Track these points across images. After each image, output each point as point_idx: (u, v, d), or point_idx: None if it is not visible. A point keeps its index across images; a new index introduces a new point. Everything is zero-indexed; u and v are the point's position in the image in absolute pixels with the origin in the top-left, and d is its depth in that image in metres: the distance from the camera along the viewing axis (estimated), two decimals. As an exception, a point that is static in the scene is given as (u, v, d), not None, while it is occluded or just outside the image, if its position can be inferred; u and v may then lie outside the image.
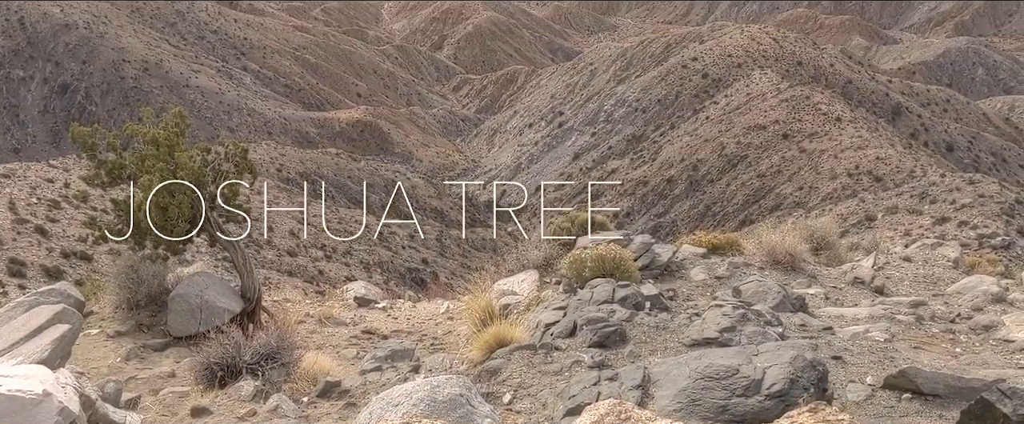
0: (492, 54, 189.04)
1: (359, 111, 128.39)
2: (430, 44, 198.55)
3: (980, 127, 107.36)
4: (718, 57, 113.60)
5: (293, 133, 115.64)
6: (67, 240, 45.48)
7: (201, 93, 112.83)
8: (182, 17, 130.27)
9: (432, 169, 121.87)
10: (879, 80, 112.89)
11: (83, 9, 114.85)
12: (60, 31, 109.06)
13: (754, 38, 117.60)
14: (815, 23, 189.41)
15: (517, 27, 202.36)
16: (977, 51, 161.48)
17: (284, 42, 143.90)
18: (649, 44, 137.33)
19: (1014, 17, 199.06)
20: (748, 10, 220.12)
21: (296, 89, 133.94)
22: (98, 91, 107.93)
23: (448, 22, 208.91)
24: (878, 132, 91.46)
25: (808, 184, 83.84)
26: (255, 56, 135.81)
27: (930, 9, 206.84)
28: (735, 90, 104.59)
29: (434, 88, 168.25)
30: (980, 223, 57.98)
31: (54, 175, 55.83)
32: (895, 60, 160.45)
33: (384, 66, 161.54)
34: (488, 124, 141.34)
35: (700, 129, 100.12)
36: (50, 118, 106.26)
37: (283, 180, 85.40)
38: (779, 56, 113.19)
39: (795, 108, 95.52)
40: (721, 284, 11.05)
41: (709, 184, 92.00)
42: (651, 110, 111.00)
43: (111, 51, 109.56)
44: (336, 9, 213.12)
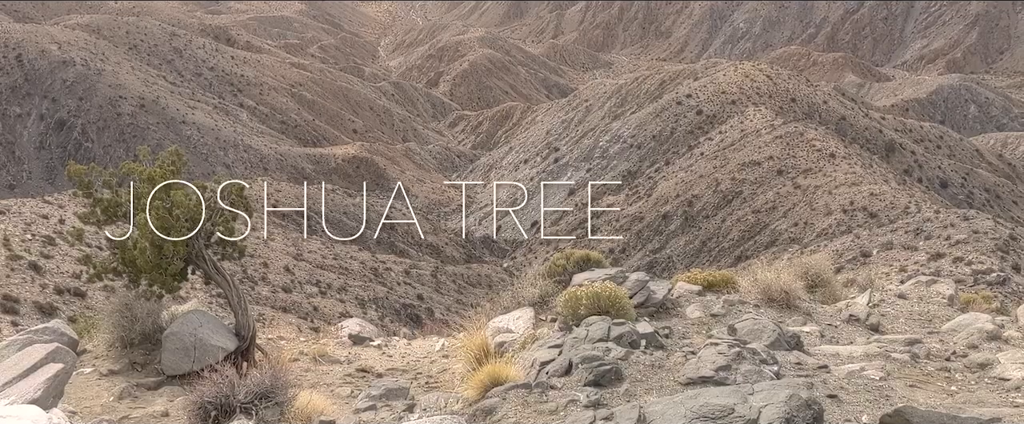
0: (488, 91, 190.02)
1: (355, 147, 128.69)
2: (426, 81, 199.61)
3: (973, 163, 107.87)
4: (712, 94, 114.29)
5: (289, 169, 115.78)
6: (61, 276, 45.31)
7: (197, 129, 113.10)
8: (180, 54, 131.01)
9: (427, 204, 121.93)
10: (872, 117, 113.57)
11: (81, 46, 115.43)
12: (58, 68, 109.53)
13: (748, 75, 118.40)
14: (808, 60, 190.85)
15: (513, 64, 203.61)
16: (969, 88, 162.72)
17: (281, 79, 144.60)
18: (644, 81, 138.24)
19: (1005, 55, 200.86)
20: (742, 48, 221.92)
21: (292, 125, 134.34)
22: (94, 127, 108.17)
23: (444, 59, 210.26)
24: (872, 168, 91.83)
25: (803, 220, 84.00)
26: (252, 93, 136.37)
27: (922, 47, 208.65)
28: (729, 126, 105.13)
29: (430, 124, 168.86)
30: (975, 259, 58.04)
31: (49, 211, 55.74)
32: (888, 97, 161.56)
33: (380, 102, 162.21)
34: (484, 160, 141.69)
35: (695, 165, 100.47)
36: (46, 154, 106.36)
37: (278, 216, 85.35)
38: (773, 93, 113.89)
39: (789, 144, 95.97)
40: (716, 322, 11.05)
41: (704, 220, 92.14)
42: (646, 146, 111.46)
43: (108, 88, 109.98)
44: (333, 47, 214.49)
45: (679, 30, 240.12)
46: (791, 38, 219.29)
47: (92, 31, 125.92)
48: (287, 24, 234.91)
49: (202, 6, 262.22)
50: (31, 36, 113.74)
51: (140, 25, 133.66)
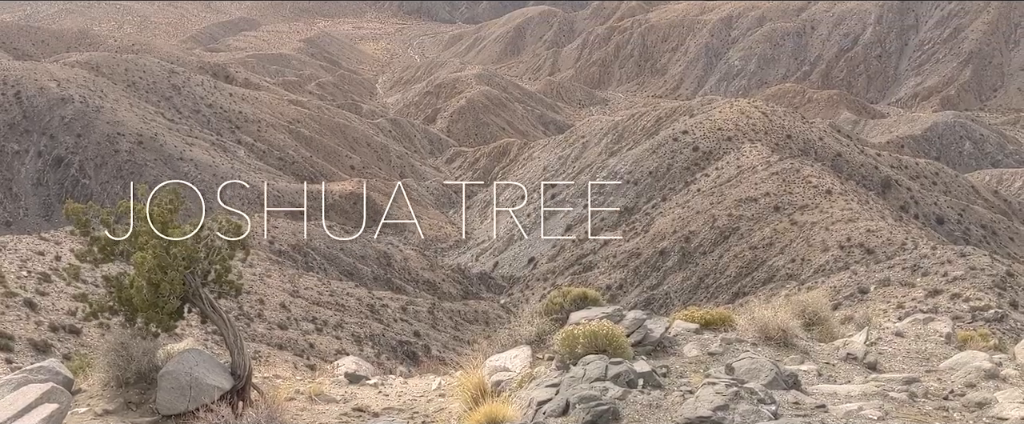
0: (485, 127, 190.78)
1: (352, 183, 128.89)
2: (424, 117, 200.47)
3: (969, 200, 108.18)
4: (708, 130, 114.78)
5: (286, 205, 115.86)
6: (56, 313, 45.12)
7: (195, 166, 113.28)
8: (178, 92, 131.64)
9: (425, 241, 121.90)
10: (868, 153, 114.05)
11: (80, 84, 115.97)
12: (56, 105, 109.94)
13: (743, 112, 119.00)
14: (803, 97, 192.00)
15: (510, 101, 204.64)
16: (964, 125, 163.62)
17: (279, 116, 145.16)
18: (640, 117, 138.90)
19: (998, 92, 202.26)
20: (737, 85, 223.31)
21: (290, 162, 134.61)
22: (92, 164, 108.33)
23: (441, 96, 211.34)
24: (868, 205, 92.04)
25: (800, 256, 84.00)
26: (250, 129, 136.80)
27: (916, 84, 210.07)
28: (726, 163, 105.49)
29: (427, 160, 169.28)
30: (973, 295, 57.99)
31: (45, 248, 55.66)
32: (883, 134, 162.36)
33: (378, 139, 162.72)
34: (480, 196, 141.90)
35: (692, 201, 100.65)
36: (43, 191, 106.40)
37: (275, 252, 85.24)
38: (768, 129, 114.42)
39: (785, 181, 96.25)
40: (714, 361, 11.04)
41: (702, 256, 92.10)
42: (643, 182, 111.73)
43: (106, 125, 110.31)
44: (331, 84, 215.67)
45: (675, 67, 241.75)
46: (786, 75, 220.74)
47: (91, 69, 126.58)
48: (285, 61, 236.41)
49: (201, 44, 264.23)
50: (30, 73, 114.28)
51: (139, 63, 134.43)
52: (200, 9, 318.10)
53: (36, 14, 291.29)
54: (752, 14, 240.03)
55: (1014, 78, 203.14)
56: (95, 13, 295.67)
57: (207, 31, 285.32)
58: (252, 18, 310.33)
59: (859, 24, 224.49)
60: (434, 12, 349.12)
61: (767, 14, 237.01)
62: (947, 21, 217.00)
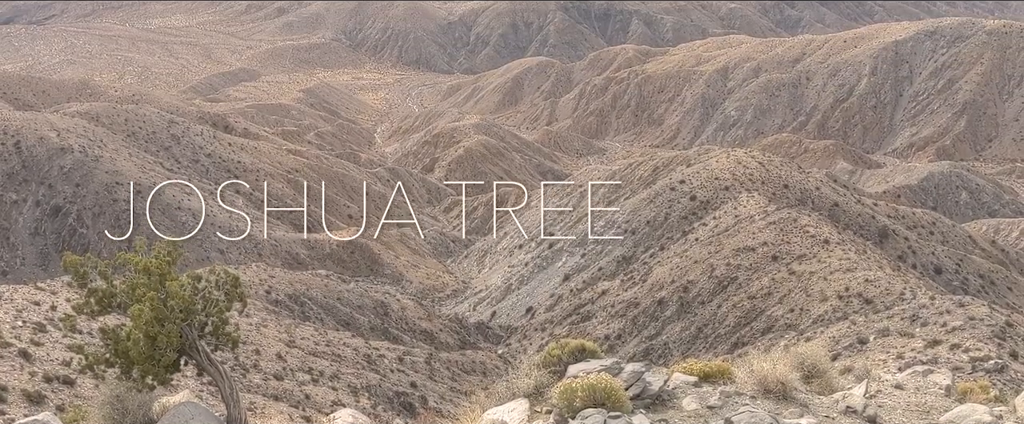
0: (483, 176, 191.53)
1: (350, 232, 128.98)
2: (422, 166, 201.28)
3: (967, 250, 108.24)
4: (705, 180, 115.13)
5: (283, 255, 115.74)
6: (50, 364, 44.79)
7: (192, 215, 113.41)
8: (177, 141, 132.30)
9: (422, 290, 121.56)
10: (865, 203, 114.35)
11: (79, 134, 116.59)
12: (55, 155, 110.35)
13: (740, 162, 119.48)
14: (800, 147, 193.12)
15: (507, 150, 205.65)
16: (960, 175, 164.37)
17: (277, 165, 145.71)
18: (637, 166, 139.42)
19: (993, 142, 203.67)
20: (733, 135, 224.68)
21: (288, 211, 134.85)
22: (90, 214, 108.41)
23: (439, 145, 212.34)
24: (866, 254, 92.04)
25: (799, 306, 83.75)
26: (248, 179, 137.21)
27: (912, 134, 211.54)
28: (723, 212, 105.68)
29: (425, 209, 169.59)
30: (972, 346, 57.73)
31: (41, 298, 55.44)
32: (880, 184, 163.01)
33: (376, 188, 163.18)
34: (478, 245, 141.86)
35: (690, 250, 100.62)
36: (41, 240, 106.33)
37: (272, 302, 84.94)
38: (765, 179, 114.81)
39: (783, 230, 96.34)
40: (713, 414, 10.99)
41: (700, 306, 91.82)
42: (641, 232, 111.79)
43: (105, 174, 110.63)
44: (330, 134, 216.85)
45: (671, 117, 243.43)
46: (782, 126, 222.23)
47: (91, 119, 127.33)
48: (285, 111, 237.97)
49: (201, 94, 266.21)
50: (30, 124, 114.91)
51: (139, 113, 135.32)
52: (201, 60, 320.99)
53: (37, 65, 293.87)
54: (747, 65, 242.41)
55: (1008, 129, 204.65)
56: (96, 64, 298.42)
57: (207, 81, 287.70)
58: (252, 69, 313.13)
59: (854, 75, 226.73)
60: (433, 63, 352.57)
61: (762, 65, 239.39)
62: (941, 73, 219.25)
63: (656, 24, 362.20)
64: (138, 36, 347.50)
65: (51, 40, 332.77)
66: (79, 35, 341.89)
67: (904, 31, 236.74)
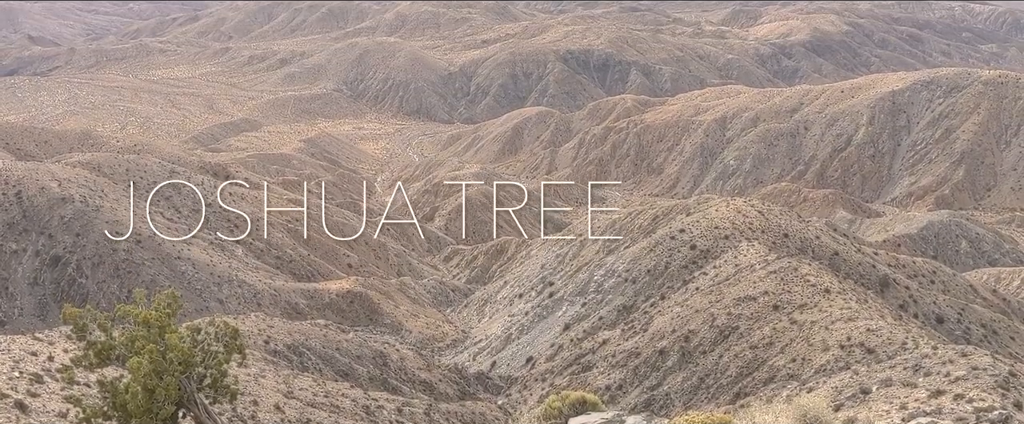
0: (483, 225, 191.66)
1: (349, 282, 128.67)
2: (422, 215, 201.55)
3: (968, 299, 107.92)
4: (705, 229, 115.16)
5: (282, 305, 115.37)
6: (47, 416, 44.39)
7: (192, 265, 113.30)
8: (178, 191, 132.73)
9: (422, 340, 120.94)
10: (865, 252, 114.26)
11: (81, 183, 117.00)
12: (56, 204, 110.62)
13: (740, 211, 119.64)
14: (799, 196, 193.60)
15: (507, 199, 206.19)
16: (959, 224, 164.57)
17: (277, 214, 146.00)
18: (637, 215, 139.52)
19: (992, 191, 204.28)
20: (733, 184, 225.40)
21: (287, 260, 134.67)
22: (89, 264, 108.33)
23: (439, 194, 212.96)
24: (867, 304, 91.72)
25: (801, 356, 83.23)
26: (248, 228, 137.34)
27: (911, 183, 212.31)
28: (723, 261, 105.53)
29: (425, 259, 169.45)
30: (976, 396, 57.25)
31: (39, 348, 55.15)
32: (879, 233, 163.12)
33: (376, 237, 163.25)
34: (478, 294, 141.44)
35: (690, 300, 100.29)
36: (39, 290, 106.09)
37: (270, 352, 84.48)
38: (765, 228, 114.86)
39: (784, 279, 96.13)
40: (716, 468, 10.89)
41: (701, 356, 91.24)
42: (641, 281, 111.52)
43: (105, 224, 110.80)
44: (331, 183, 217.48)
45: (671, 167, 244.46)
46: (781, 175, 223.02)
47: (92, 168, 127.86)
48: (286, 161, 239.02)
49: (203, 144, 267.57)
50: (32, 174, 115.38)
51: (140, 162, 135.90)
52: (203, 111, 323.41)
53: (40, 115, 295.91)
54: (746, 115, 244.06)
55: (1007, 178, 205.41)
56: (99, 115, 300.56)
57: (209, 132, 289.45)
58: (254, 119, 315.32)
59: (852, 125, 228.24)
60: (433, 113, 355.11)
61: (760, 115, 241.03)
62: (938, 122, 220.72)
63: (654, 74, 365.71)
64: (141, 87, 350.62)
65: (54, 91, 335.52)
66: (82, 86, 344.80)
67: (901, 81, 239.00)
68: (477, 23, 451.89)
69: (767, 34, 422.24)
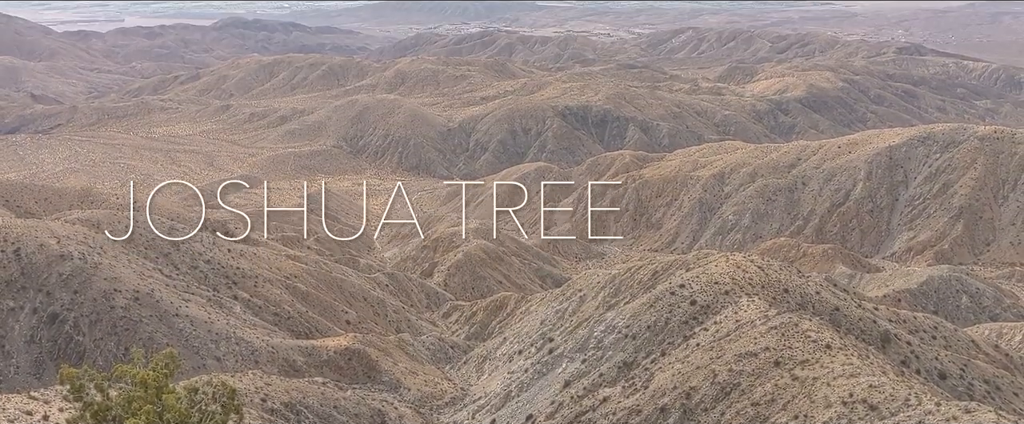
0: (482, 281, 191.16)
1: (348, 339, 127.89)
2: (421, 271, 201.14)
3: (970, 355, 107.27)
4: (705, 284, 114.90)
5: (280, 362, 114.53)
6: (40, 476, 43.89)
7: (190, 322, 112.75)
8: (177, 248, 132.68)
9: (420, 398, 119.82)
10: (866, 307, 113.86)
11: (80, 240, 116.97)
12: (55, 262, 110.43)
13: (739, 266, 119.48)
14: (798, 251, 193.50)
15: (506, 254, 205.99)
16: (959, 279, 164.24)
17: (276, 271, 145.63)
18: (637, 271, 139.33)
19: (991, 246, 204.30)
20: (731, 239, 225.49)
21: (285, 317, 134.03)
22: (87, 321, 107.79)
23: (439, 250, 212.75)
24: (869, 360, 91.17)
25: (803, 413, 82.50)
26: (246, 285, 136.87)
27: (909, 238, 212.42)
28: (724, 317, 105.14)
29: (424, 315, 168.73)
30: (981, 454, 56.68)
31: (34, 407, 54.66)
32: (879, 288, 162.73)
33: (374, 293, 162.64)
34: (477, 351, 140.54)
35: (691, 356, 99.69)
36: (36, 348, 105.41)
37: (267, 411, 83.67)
38: (765, 283, 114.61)
39: (784, 335, 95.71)
40: None
41: (703, 413, 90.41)
42: (641, 337, 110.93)
43: (103, 281, 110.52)
44: (329, 239, 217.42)
45: (670, 222, 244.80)
46: (780, 230, 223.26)
47: (92, 226, 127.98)
48: (285, 217, 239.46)
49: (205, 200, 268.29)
50: (31, 231, 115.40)
51: (139, 219, 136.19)
52: (203, 167, 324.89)
53: (41, 173, 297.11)
54: (744, 170, 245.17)
55: (1005, 232, 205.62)
56: (100, 172, 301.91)
57: (209, 188, 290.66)
58: (254, 175, 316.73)
59: (849, 180, 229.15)
60: (432, 168, 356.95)
61: (758, 170, 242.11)
62: (935, 177, 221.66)
63: (652, 130, 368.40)
64: (142, 145, 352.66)
65: (56, 148, 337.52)
66: (83, 143, 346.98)
67: (897, 137, 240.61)
68: (476, 80, 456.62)
69: (763, 90, 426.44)
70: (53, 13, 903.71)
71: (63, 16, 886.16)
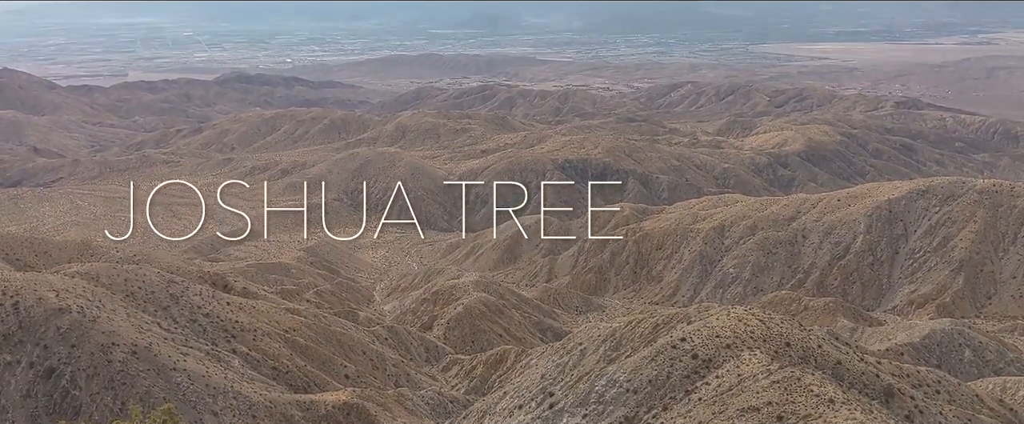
0: (482, 334, 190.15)
1: (346, 393, 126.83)
2: (420, 324, 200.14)
3: (975, 410, 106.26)
4: (707, 338, 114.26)
5: (277, 416, 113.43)
6: None
7: (188, 376, 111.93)
8: (176, 301, 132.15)
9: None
10: (868, 361, 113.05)
11: (78, 294, 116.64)
12: (53, 315, 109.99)
13: (741, 319, 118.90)
14: (799, 305, 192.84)
15: (507, 307, 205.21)
16: (962, 333, 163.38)
17: (275, 325, 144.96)
18: (638, 324, 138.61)
19: (993, 299, 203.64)
20: (732, 292, 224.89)
21: (284, 371, 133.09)
22: (83, 375, 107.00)
23: (438, 303, 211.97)
24: (873, 414, 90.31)
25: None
26: (245, 338, 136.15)
27: (911, 292, 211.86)
28: (726, 371, 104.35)
29: (423, 368, 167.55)
30: (989, 511, 55.87)
31: (28, 464, 53.98)
32: (882, 341, 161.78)
33: (373, 347, 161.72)
34: (477, 406, 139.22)
35: (694, 411, 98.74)
36: (32, 403, 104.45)
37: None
38: (767, 337, 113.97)
39: (787, 390, 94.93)
40: None
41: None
42: (643, 391, 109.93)
43: (101, 334, 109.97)
44: (329, 292, 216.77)
45: (670, 275, 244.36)
46: (781, 283, 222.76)
47: (91, 279, 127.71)
48: (285, 270, 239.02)
49: (202, 254, 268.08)
50: (30, 284, 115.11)
51: (139, 273, 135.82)
52: (203, 220, 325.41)
53: (41, 226, 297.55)
54: (743, 223, 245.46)
55: (1007, 286, 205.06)
56: (100, 225, 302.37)
57: (209, 241, 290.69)
58: (254, 228, 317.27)
59: (849, 233, 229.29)
60: (433, 221, 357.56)
61: (758, 224, 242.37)
62: (935, 230, 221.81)
63: (652, 183, 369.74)
64: (143, 197, 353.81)
65: (57, 202, 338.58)
66: (85, 197, 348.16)
67: (896, 190, 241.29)
68: (477, 134, 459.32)
69: (762, 144, 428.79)
70: (58, 68, 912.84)
71: (67, 71, 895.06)
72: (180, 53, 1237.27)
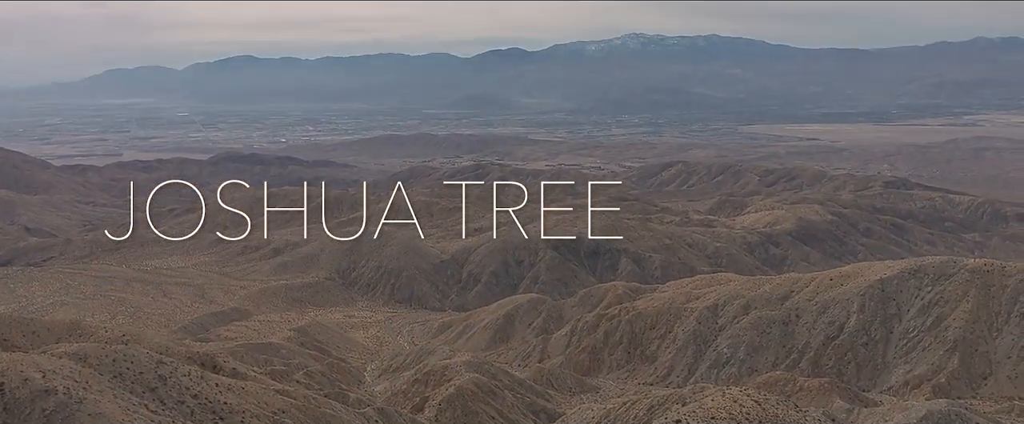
0: (474, 415, 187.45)
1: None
2: (412, 406, 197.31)
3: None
4: (702, 419, 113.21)
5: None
6: None
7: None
8: (164, 382, 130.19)
9: None
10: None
11: (65, 375, 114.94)
12: (39, 397, 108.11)
13: (736, 400, 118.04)
14: (794, 386, 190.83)
15: (499, 388, 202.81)
16: (959, 414, 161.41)
17: (264, 406, 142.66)
18: (632, 405, 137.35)
19: (988, 380, 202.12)
20: (727, 373, 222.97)
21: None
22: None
23: (430, 383, 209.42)
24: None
25: None
26: (233, 420, 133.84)
27: (906, 372, 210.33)
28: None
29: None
30: None
31: None
32: (878, 423, 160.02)
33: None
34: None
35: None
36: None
37: None
38: (762, 418, 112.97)
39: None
40: None
41: None
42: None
43: (87, 417, 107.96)
44: (319, 372, 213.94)
45: (664, 354, 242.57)
46: (775, 363, 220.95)
47: (78, 359, 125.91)
48: (274, 350, 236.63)
49: (192, 334, 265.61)
50: (16, 365, 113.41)
51: (128, 353, 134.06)
52: (194, 300, 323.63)
53: (31, 306, 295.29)
54: (737, 302, 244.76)
55: (1002, 366, 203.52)
56: (90, 305, 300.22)
57: (198, 321, 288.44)
58: (244, 308, 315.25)
59: (843, 313, 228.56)
60: (425, 300, 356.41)
61: (751, 303, 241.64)
62: (928, 310, 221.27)
63: (644, 262, 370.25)
64: (133, 277, 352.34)
65: (47, 281, 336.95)
66: (75, 276, 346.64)
67: (888, 270, 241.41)
68: (469, 211, 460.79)
69: (754, 223, 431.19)
70: (51, 147, 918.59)
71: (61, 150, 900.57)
72: (176, 133, 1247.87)
